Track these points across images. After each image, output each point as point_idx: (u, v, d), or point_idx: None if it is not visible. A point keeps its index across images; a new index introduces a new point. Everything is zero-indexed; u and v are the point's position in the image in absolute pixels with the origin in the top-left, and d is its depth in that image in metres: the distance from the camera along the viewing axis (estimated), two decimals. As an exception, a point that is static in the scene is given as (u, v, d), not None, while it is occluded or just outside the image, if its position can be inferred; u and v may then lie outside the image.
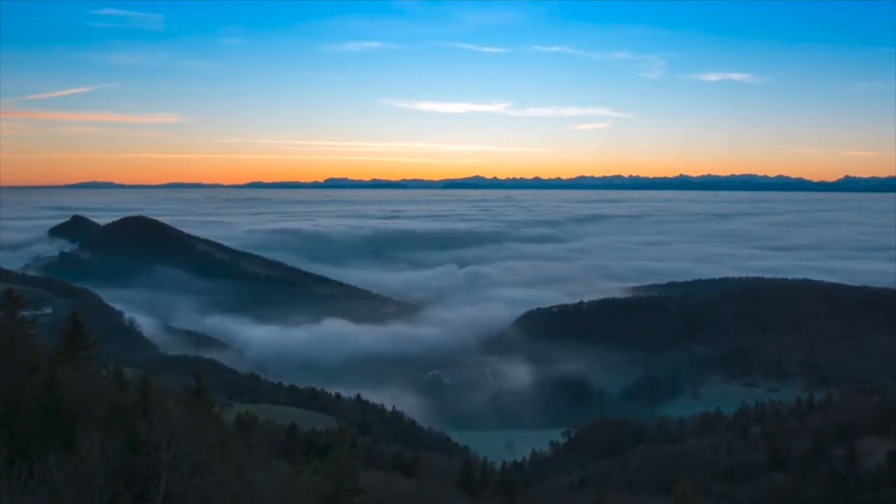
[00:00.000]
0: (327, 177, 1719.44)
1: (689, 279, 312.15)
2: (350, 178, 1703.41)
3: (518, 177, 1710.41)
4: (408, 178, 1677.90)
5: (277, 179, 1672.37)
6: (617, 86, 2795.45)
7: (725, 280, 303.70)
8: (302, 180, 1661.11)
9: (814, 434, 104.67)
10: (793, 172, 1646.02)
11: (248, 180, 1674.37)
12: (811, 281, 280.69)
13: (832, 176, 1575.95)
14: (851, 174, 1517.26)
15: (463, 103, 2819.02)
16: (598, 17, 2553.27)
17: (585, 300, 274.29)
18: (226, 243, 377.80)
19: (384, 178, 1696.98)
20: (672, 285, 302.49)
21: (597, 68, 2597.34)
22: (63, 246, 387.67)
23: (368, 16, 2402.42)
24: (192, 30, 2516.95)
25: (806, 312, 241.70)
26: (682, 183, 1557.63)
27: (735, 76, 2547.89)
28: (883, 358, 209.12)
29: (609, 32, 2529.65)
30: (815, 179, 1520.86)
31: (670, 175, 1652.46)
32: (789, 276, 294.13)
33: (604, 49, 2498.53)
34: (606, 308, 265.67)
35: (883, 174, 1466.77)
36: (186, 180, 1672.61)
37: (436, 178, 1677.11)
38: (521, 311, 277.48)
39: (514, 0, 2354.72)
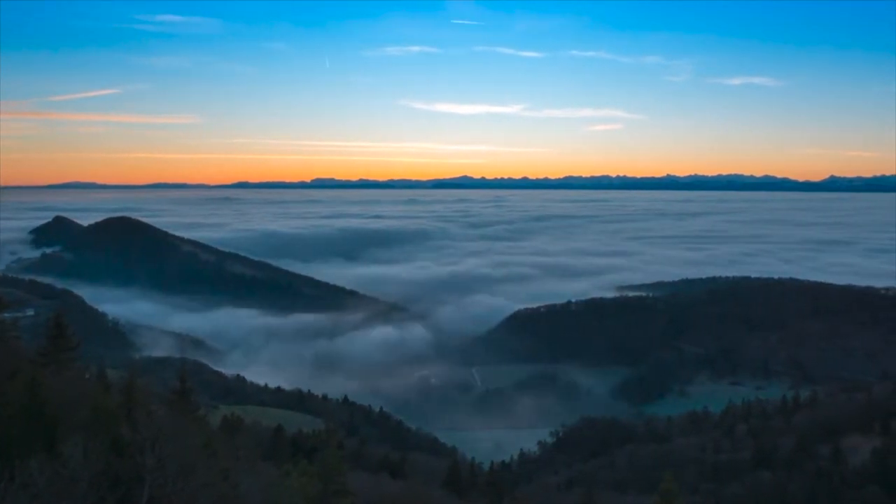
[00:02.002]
0: (314, 177, 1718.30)
1: (675, 279, 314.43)
2: (337, 178, 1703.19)
3: (507, 177, 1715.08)
4: (396, 178, 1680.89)
5: (264, 180, 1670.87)
6: (639, 89, 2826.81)
7: (712, 280, 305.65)
8: (288, 180, 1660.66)
9: (799, 432, 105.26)
10: (779, 172, 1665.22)
11: (234, 180, 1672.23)
12: (797, 280, 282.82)
13: (818, 176, 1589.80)
14: (837, 174, 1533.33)
15: (480, 105, 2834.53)
16: (637, 23, 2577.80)
17: (573, 300, 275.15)
18: (209, 244, 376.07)
19: (372, 178, 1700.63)
20: (659, 285, 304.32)
21: (627, 72, 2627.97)
22: (45, 247, 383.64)
23: (418, 21, 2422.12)
24: (245, 34, 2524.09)
25: (791, 312, 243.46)
26: (670, 183, 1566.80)
27: (758, 80, 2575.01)
28: (867, 356, 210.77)
29: (646, 38, 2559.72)
30: (801, 179, 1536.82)
31: (658, 175, 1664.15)
32: (775, 276, 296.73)
33: (637, 53, 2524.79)
34: (594, 308, 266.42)
35: (868, 174, 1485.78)
36: (171, 180, 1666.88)
37: (424, 178, 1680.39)
38: (503, 309, 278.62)
39: (558, 7, 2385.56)
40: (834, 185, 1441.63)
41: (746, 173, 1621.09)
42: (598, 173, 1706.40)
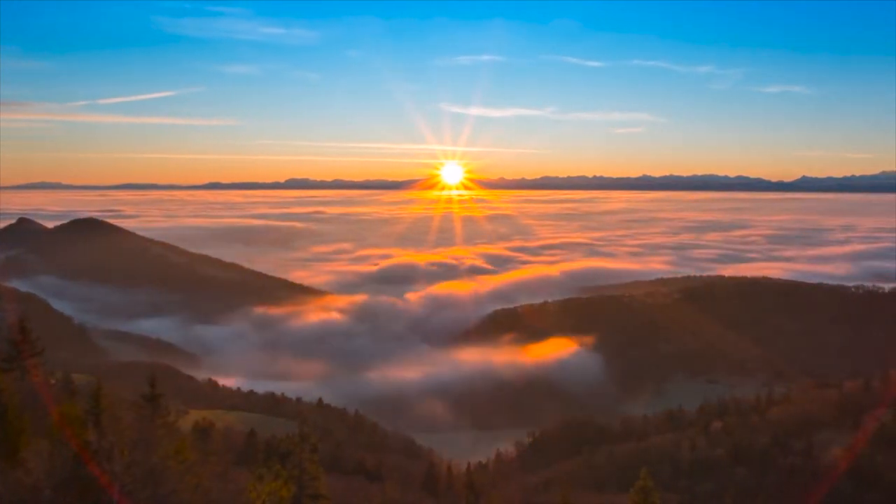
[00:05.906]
0: (289, 177, 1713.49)
1: (652, 278, 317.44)
2: (312, 178, 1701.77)
3: (484, 178, 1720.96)
4: (372, 178, 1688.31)
5: (237, 180, 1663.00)
6: (676, 95, 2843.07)
7: (687, 278, 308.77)
8: (261, 181, 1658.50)
9: (773, 428, 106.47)
10: (753, 172, 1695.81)
11: (207, 181, 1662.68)
12: (770, 279, 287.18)
13: (791, 176, 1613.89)
14: (809, 175, 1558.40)
15: (512, 108, 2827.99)
16: (695, 36, 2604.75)
17: (550, 300, 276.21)
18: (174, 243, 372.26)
19: (347, 178, 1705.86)
20: (637, 284, 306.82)
21: (676, 80, 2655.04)
22: (8, 249, 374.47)
23: (503, 32, 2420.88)
24: (333, 43, 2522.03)
25: (765, 310, 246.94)
26: (645, 183, 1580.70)
27: (795, 88, 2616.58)
28: (839, 353, 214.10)
29: (703, 48, 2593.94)
30: (774, 179, 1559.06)
31: (633, 175, 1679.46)
32: (749, 275, 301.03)
33: (692, 63, 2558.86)
34: (570, 307, 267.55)
35: (839, 174, 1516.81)
36: (142, 181, 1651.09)
37: (400, 178, 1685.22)
38: (479, 310, 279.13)
39: (639, 24, 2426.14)
40: (806, 185, 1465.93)
41: (721, 174, 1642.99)
42: (574, 174, 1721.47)
